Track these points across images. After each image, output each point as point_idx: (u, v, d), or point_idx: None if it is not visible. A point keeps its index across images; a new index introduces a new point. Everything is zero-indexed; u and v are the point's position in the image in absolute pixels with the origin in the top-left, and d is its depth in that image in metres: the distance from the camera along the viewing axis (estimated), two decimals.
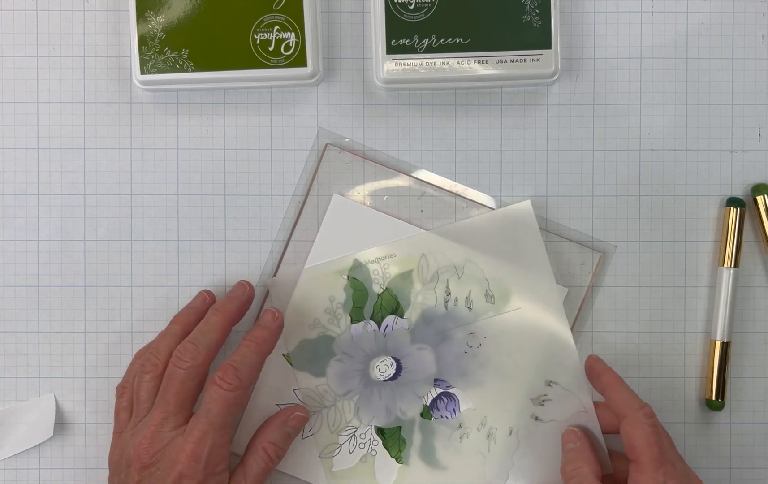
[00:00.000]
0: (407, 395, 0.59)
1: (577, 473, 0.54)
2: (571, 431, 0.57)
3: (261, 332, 0.56)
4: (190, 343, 0.55)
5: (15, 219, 0.60)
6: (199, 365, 0.54)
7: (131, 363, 0.58)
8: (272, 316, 0.57)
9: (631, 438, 0.52)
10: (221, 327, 0.56)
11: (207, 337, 0.55)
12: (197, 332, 0.55)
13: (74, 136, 0.60)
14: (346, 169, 0.60)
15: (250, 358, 0.55)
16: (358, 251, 0.59)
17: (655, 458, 0.51)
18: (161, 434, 0.53)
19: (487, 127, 0.60)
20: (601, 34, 0.60)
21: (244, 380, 0.54)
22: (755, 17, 0.60)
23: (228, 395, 0.53)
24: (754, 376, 0.61)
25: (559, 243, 0.60)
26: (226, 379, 0.53)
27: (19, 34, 0.60)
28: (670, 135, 0.60)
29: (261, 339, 0.56)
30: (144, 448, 0.53)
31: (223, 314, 0.56)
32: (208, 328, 0.55)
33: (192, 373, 0.54)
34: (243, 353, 0.55)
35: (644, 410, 0.53)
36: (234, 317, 0.57)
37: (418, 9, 0.57)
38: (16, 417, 0.60)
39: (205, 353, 0.54)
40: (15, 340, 0.60)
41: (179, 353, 0.54)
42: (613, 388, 0.55)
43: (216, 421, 0.53)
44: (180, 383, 0.54)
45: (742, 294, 0.60)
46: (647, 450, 0.51)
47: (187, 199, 0.60)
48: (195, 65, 0.58)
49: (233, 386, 0.53)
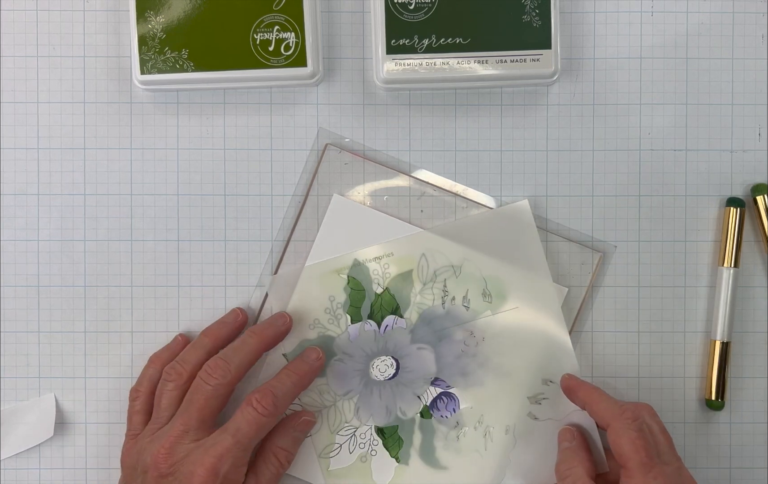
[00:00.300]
0: (407, 394, 0.59)
1: (571, 473, 0.54)
2: (566, 430, 0.57)
3: (303, 366, 0.57)
4: (222, 360, 0.55)
5: (15, 219, 0.60)
6: (227, 383, 0.54)
7: (146, 366, 0.58)
8: (317, 355, 0.57)
9: (618, 446, 0.52)
10: (256, 351, 0.56)
11: (240, 357, 0.55)
12: (231, 350, 0.56)
13: (74, 136, 0.60)
14: (346, 169, 0.60)
15: (289, 388, 0.55)
16: (357, 250, 0.59)
17: (643, 462, 0.51)
18: (180, 445, 0.53)
19: (487, 127, 0.60)
20: (601, 34, 0.60)
21: (279, 408, 0.54)
22: (755, 17, 0.60)
23: (261, 419, 0.53)
24: (754, 376, 0.61)
25: (559, 243, 0.60)
26: (264, 403, 0.54)
27: (19, 34, 0.60)
28: (670, 135, 0.60)
29: (302, 373, 0.56)
30: (162, 457, 0.53)
31: (260, 338, 0.56)
32: (243, 348, 0.56)
33: (219, 391, 0.54)
34: (284, 381, 0.55)
35: (626, 416, 0.53)
36: (269, 344, 0.57)
37: (418, 9, 0.57)
38: (16, 417, 0.60)
39: (235, 373, 0.55)
40: (15, 340, 0.60)
41: (210, 368, 0.55)
42: (592, 400, 0.55)
43: (243, 441, 0.53)
44: (205, 399, 0.54)
45: (742, 294, 0.60)
46: (635, 455, 0.51)
47: (187, 199, 0.60)
48: (195, 65, 0.58)
49: (269, 412, 0.54)
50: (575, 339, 0.60)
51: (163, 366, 0.57)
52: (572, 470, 0.54)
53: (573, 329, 0.60)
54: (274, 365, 0.59)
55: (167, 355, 0.58)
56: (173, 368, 0.56)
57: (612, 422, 0.53)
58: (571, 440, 0.56)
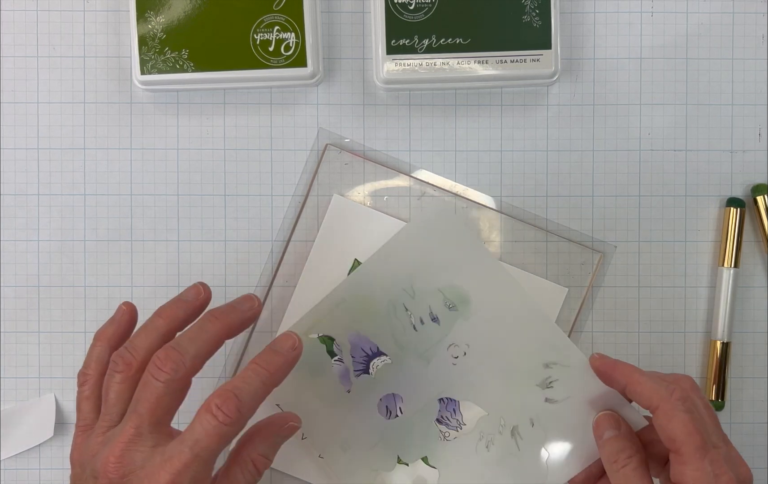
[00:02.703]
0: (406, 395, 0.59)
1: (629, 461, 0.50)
2: (607, 417, 0.52)
3: (275, 359, 0.48)
4: (174, 350, 0.47)
5: (15, 219, 0.60)
6: (180, 378, 0.46)
7: (91, 346, 0.52)
8: (292, 344, 0.49)
9: (668, 430, 0.48)
10: (216, 338, 0.48)
11: (196, 346, 0.47)
12: (186, 338, 0.47)
13: (74, 136, 0.60)
14: (346, 170, 0.60)
15: (258, 388, 0.46)
16: (358, 251, 0.59)
17: (698, 446, 0.47)
18: (133, 452, 0.46)
19: (487, 127, 0.60)
20: (601, 34, 0.60)
21: (245, 413, 0.46)
22: (755, 17, 0.60)
23: (222, 429, 0.45)
24: (754, 376, 0.61)
25: (559, 243, 0.60)
26: (225, 409, 0.45)
27: (19, 34, 0.60)
28: (670, 135, 0.60)
29: (274, 367, 0.47)
30: (112, 466, 0.46)
31: (222, 324, 0.48)
32: (200, 336, 0.48)
33: (171, 386, 0.46)
34: (250, 380, 0.46)
35: (675, 397, 0.48)
36: (233, 330, 0.49)
37: (418, 9, 0.57)
38: (16, 417, 0.60)
39: (191, 365, 0.47)
40: (15, 340, 0.60)
41: (160, 360, 0.46)
42: (633, 381, 0.50)
43: (203, 455, 0.45)
44: (156, 397, 0.46)
45: (742, 294, 0.60)
46: (689, 440, 0.47)
47: (187, 200, 0.60)
48: (195, 65, 0.58)
49: (231, 421, 0.45)
50: (575, 339, 0.60)
51: (110, 343, 0.51)
52: (629, 462, 0.49)
53: (573, 329, 0.60)
54: None
55: (112, 329, 0.51)
56: (121, 356, 0.48)
57: (661, 404, 0.48)
58: (618, 427, 0.52)
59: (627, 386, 0.51)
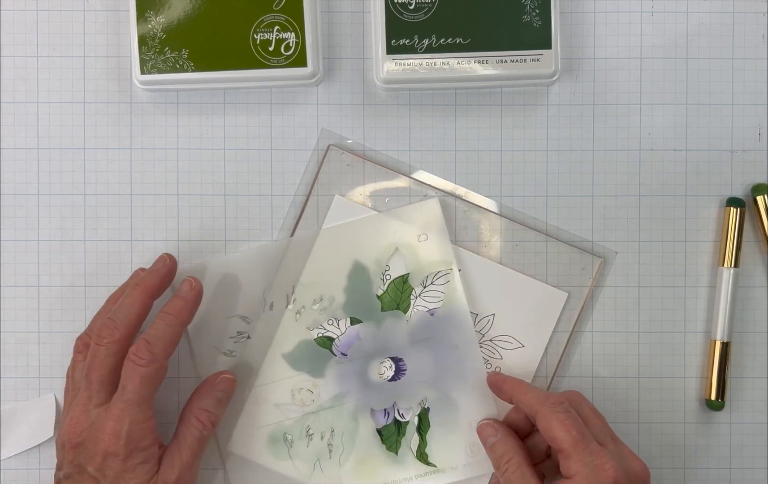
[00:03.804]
0: (405, 397, 0.59)
1: (509, 464, 0.54)
2: (485, 426, 0.57)
3: (177, 303, 0.55)
4: (108, 319, 0.54)
5: (15, 219, 0.60)
6: (117, 340, 0.53)
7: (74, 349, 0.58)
8: (189, 286, 0.56)
9: (549, 430, 0.52)
10: (140, 301, 0.55)
11: (125, 312, 0.54)
12: (116, 308, 0.54)
13: (74, 136, 0.60)
14: (347, 171, 0.60)
15: (165, 331, 0.54)
16: (358, 252, 0.59)
17: (576, 440, 0.51)
18: (87, 413, 0.53)
19: (487, 127, 0.60)
20: (601, 34, 0.60)
21: (158, 354, 0.53)
22: (755, 17, 0.60)
23: (141, 370, 0.52)
24: (754, 376, 0.61)
25: (560, 246, 0.60)
26: (139, 354, 0.53)
27: (19, 34, 0.60)
28: (670, 135, 0.60)
29: (176, 311, 0.55)
30: (72, 427, 0.53)
31: (142, 288, 0.55)
32: (126, 302, 0.54)
33: (111, 349, 0.53)
34: (157, 326, 0.54)
35: (551, 400, 0.53)
36: (154, 291, 0.56)
37: (418, 9, 0.57)
38: (16, 417, 0.60)
39: (124, 329, 0.54)
40: (15, 340, 0.60)
41: (99, 330, 0.54)
42: (518, 392, 0.56)
43: (131, 397, 0.52)
44: (100, 360, 0.53)
45: (742, 294, 0.60)
46: (566, 436, 0.51)
47: (187, 199, 0.60)
48: (195, 65, 0.58)
49: (146, 361, 0.52)
50: (575, 341, 0.60)
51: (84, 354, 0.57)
52: (510, 461, 0.54)
53: (573, 330, 0.60)
54: (274, 366, 0.59)
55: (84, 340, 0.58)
56: (81, 340, 0.56)
57: (539, 409, 0.53)
58: (496, 433, 0.56)
59: (513, 396, 0.56)
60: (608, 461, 0.50)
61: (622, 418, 0.60)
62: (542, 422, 0.53)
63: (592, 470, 0.50)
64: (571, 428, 0.51)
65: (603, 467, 0.50)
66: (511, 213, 0.60)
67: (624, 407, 0.60)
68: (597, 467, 0.50)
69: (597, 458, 0.50)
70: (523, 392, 0.55)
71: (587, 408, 0.54)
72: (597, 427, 0.54)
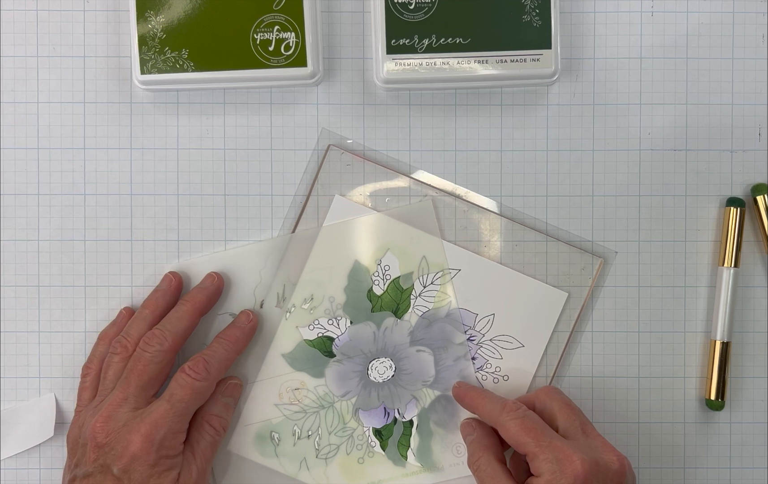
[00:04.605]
0: (405, 397, 0.59)
1: (480, 463, 0.55)
2: (466, 424, 0.58)
3: (234, 332, 0.58)
4: (158, 329, 0.56)
5: (15, 219, 0.60)
6: (165, 350, 0.55)
7: (95, 344, 0.59)
8: (247, 317, 0.59)
9: (511, 438, 0.53)
10: (189, 316, 0.57)
11: (175, 325, 0.56)
12: (166, 320, 0.57)
13: (74, 136, 0.60)
14: (347, 171, 0.60)
15: (221, 354, 0.56)
16: (358, 252, 0.59)
17: (536, 442, 0.52)
18: (118, 413, 0.53)
19: (487, 127, 0.60)
20: (601, 34, 0.60)
21: (212, 373, 0.55)
22: (755, 17, 0.60)
23: (195, 383, 0.54)
24: (754, 376, 0.61)
25: (560, 246, 0.60)
26: (195, 369, 0.55)
27: (19, 34, 0.60)
28: (670, 135, 0.60)
29: (234, 338, 0.58)
30: (99, 426, 0.53)
31: (192, 304, 0.57)
32: (176, 316, 0.57)
33: (157, 357, 0.55)
34: (215, 349, 0.57)
35: (507, 409, 0.54)
36: (202, 307, 0.58)
37: (418, 9, 0.57)
38: (16, 417, 0.60)
39: (172, 339, 0.56)
40: (15, 340, 0.60)
41: (147, 338, 0.55)
42: (477, 404, 0.56)
43: (178, 406, 0.54)
44: (144, 365, 0.55)
45: (742, 294, 0.60)
46: (526, 440, 0.52)
47: (187, 199, 0.60)
48: (195, 65, 0.58)
49: (201, 377, 0.55)
50: (575, 340, 0.60)
51: (111, 342, 0.58)
52: (480, 460, 0.55)
53: (573, 330, 0.60)
54: (274, 367, 0.59)
55: (114, 330, 0.59)
56: (119, 341, 0.56)
57: (497, 419, 0.54)
58: (472, 432, 0.57)
59: (474, 408, 0.57)
60: (573, 454, 0.51)
61: (622, 418, 0.60)
62: (503, 432, 0.54)
63: (557, 465, 0.51)
64: (530, 430, 0.52)
65: (569, 460, 0.51)
66: (511, 213, 0.60)
67: (624, 407, 0.60)
68: (562, 460, 0.51)
69: (561, 453, 0.51)
70: (483, 404, 0.56)
71: (557, 403, 0.55)
72: (567, 421, 0.54)
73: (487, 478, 0.54)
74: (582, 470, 0.50)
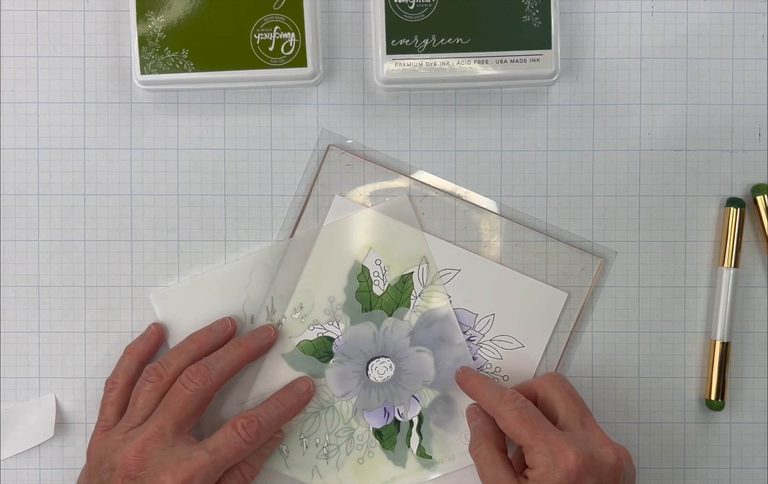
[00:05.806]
0: (405, 397, 0.59)
1: (480, 450, 0.55)
2: (470, 410, 0.58)
3: (292, 398, 0.57)
4: (204, 366, 0.55)
5: (15, 219, 0.60)
6: (207, 389, 0.54)
7: (121, 358, 0.58)
8: (307, 385, 0.58)
9: (507, 428, 0.53)
10: (239, 360, 0.56)
11: (222, 365, 0.55)
12: (214, 358, 0.55)
13: (74, 136, 0.60)
14: (347, 171, 0.60)
15: (275, 418, 0.56)
16: (359, 252, 0.59)
17: (531, 433, 0.52)
18: (152, 448, 0.52)
19: (487, 127, 0.60)
20: (601, 34, 0.60)
21: (262, 436, 0.55)
22: (755, 17, 0.60)
23: (243, 445, 0.53)
24: (754, 376, 0.61)
25: (559, 246, 0.60)
26: (249, 430, 0.54)
27: (19, 34, 0.60)
28: (670, 135, 0.60)
29: (290, 405, 0.57)
30: (131, 457, 0.52)
31: (244, 349, 0.57)
32: (226, 357, 0.56)
33: (198, 396, 0.54)
34: (270, 411, 0.56)
35: (505, 399, 0.54)
36: (253, 355, 0.57)
37: (418, 9, 0.57)
38: (16, 417, 0.60)
39: (216, 380, 0.55)
40: (15, 340, 0.60)
41: (191, 372, 0.54)
42: (477, 391, 0.56)
43: (219, 462, 0.53)
44: (184, 402, 0.54)
45: (742, 294, 0.60)
46: (522, 432, 0.52)
47: (187, 199, 0.60)
48: (195, 65, 0.58)
49: (251, 440, 0.54)
50: (575, 340, 0.60)
51: (139, 357, 0.57)
52: (480, 447, 0.55)
53: (573, 330, 0.60)
54: (274, 368, 0.59)
55: (142, 345, 0.58)
56: (155, 369, 0.55)
57: (495, 409, 0.54)
58: (476, 418, 0.57)
59: (473, 395, 0.57)
60: (568, 447, 0.51)
61: (622, 418, 0.60)
62: (500, 422, 0.54)
63: (551, 459, 0.51)
64: (526, 422, 0.52)
65: (562, 453, 0.51)
66: (511, 213, 0.60)
67: (624, 407, 0.60)
68: (556, 454, 0.51)
69: (555, 446, 0.51)
70: (482, 392, 0.56)
71: (560, 392, 0.55)
72: (567, 412, 0.54)
73: (486, 466, 0.54)
74: (575, 464, 0.50)
